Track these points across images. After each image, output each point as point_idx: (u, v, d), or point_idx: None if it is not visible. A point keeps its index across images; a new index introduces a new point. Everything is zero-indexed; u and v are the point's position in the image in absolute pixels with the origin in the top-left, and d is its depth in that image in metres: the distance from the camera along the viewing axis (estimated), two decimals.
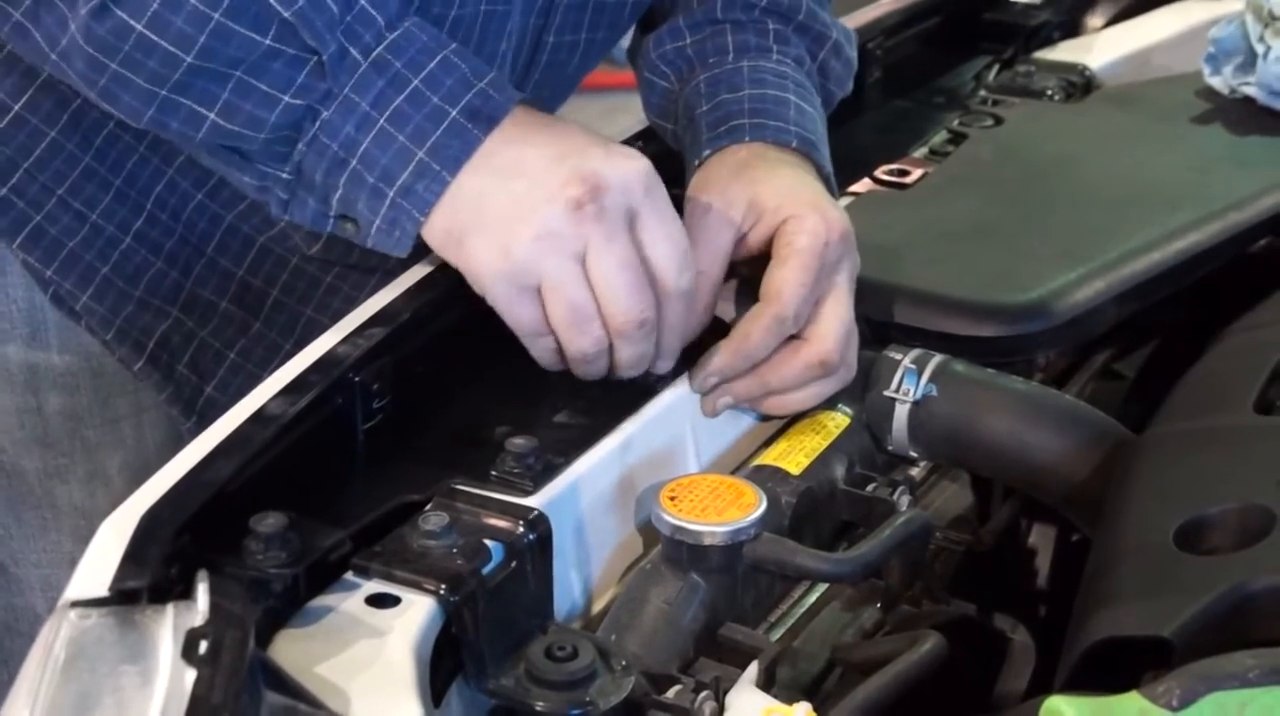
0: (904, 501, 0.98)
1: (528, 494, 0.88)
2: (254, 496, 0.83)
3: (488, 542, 0.84)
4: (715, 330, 1.03)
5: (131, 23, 0.92)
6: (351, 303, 1.06)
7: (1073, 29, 1.64)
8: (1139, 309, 1.15)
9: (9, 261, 1.14)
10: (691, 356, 1.01)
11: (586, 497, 0.92)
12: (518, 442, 0.90)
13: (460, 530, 0.84)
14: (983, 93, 1.44)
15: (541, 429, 0.94)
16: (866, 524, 0.98)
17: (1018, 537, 1.11)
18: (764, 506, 0.89)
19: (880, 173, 1.27)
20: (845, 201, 1.22)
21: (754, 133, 1.11)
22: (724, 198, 1.05)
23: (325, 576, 0.82)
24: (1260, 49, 1.34)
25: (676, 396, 1.00)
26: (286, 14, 0.92)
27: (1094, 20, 1.65)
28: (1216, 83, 1.39)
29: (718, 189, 1.06)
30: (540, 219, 0.93)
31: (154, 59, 0.93)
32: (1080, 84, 1.47)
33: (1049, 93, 1.44)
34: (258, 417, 0.87)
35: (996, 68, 1.52)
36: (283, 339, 1.22)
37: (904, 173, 1.27)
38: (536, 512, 0.86)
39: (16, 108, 1.12)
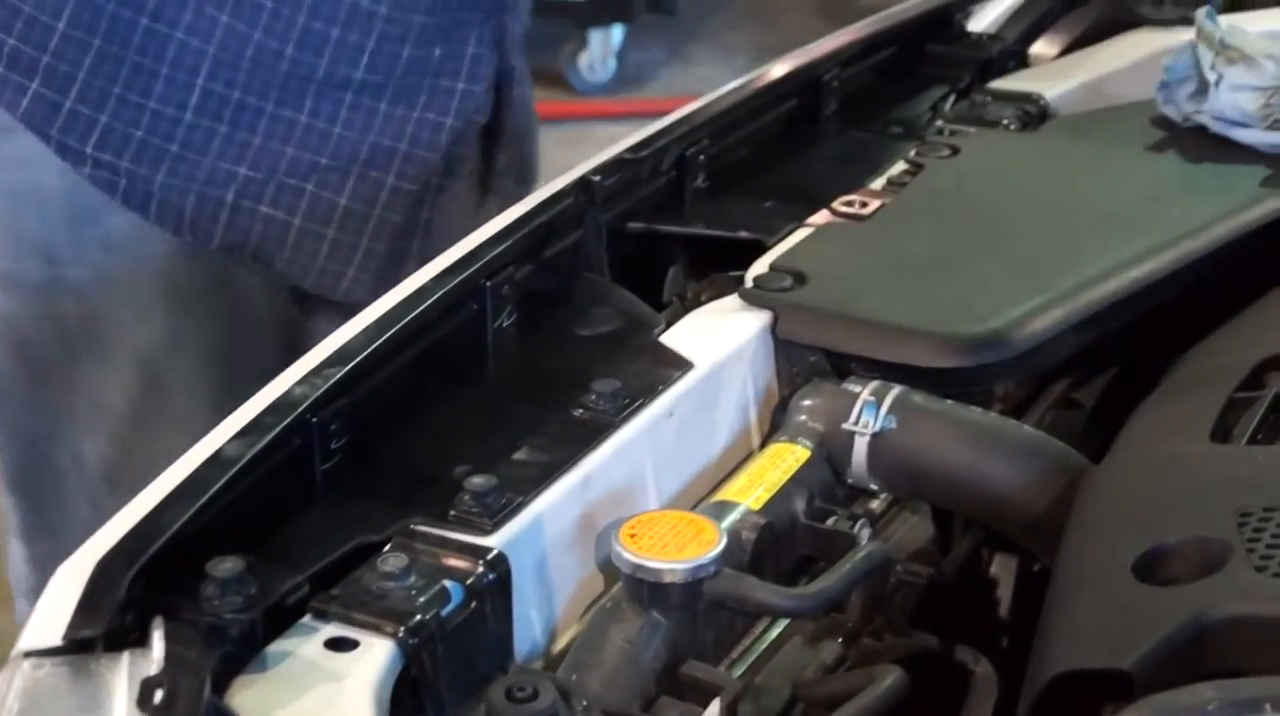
0: (864, 534, 0.98)
1: (487, 533, 0.88)
2: (211, 540, 0.82)
3: (447, 583, 0.83)
4: None
5: None
6: None
7: (1027, 58, 1.64)
8: (1096, 337, 1.15)
9: (22, 191, 1.31)
10: (637, 384, 1.01)
11: (546, 536, 0.92)
12: (476, 481, 0.90)
13: (419, 571, 0.83)
14: (939, 123, 1.45)
15: (500, 467, 0.94)
16: (827, 558, 0.97)
17: (979, 569, 1.11)
18: (724, 542, 0.89)
19: (838, 204, 1.27)
20: (804, 232, 1.22)
21: None
22: None
23: (283, 620, 0.81)
24: (1212, 77, 1.35)
25: (636, 432, 1.00)
26: None
27: (1048, 49, 1.66)
28: (1170, 111, 1.40)
29: None
30: None
31: None
32: (1035, 113, 1.48)
33: (1005, 122, 1.45)
34: (214, 461, 0.87)
35: (952, 98, 1.52)
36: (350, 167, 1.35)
37: (862, 203, 1.27)
38: (495, 552, 0.86)
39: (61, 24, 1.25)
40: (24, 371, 1.39)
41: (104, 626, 0.74)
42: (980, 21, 1.65)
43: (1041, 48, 1.66)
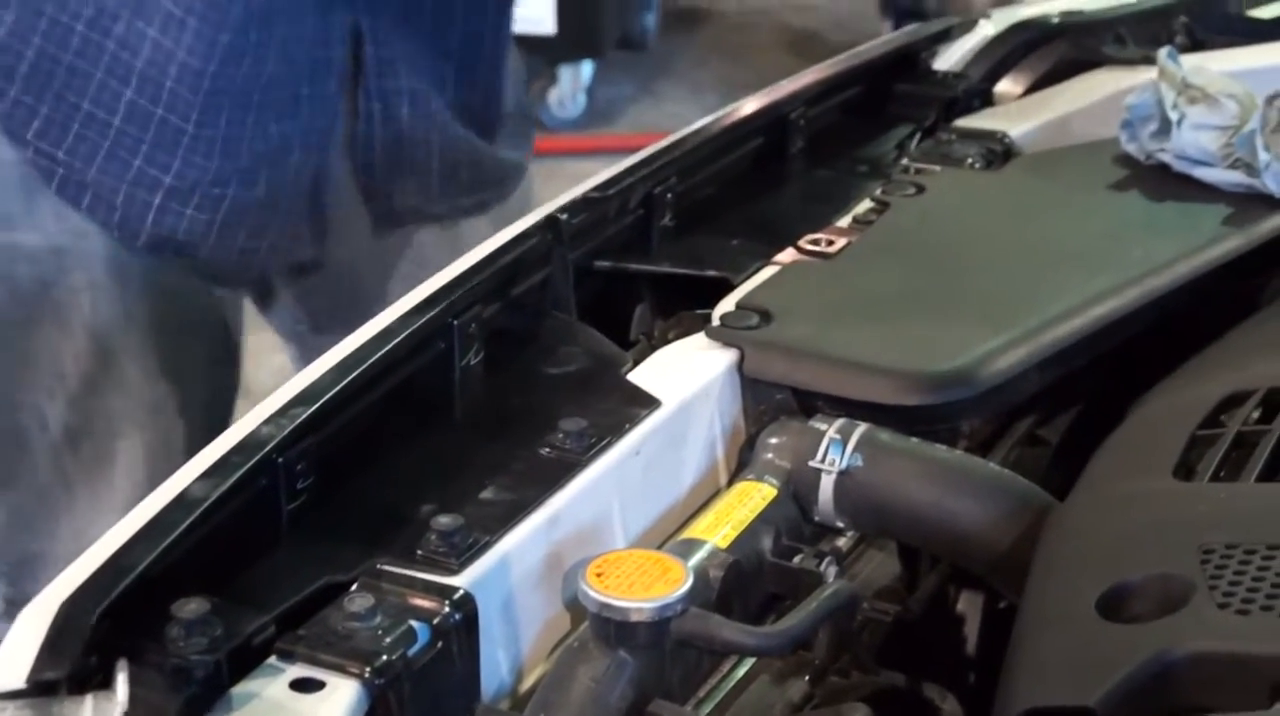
0: (831, 572, 0.99)
1: (453, 573, 0.88)
2: (176, 581, 0.82)
3: (413, 624, 0.83)
4: None
5: None
6: None
7: (992, 97, 1.65)
8: (1061, 375, 1.16)
9: None
10: (604, 422, 1.01)
11: (513, 575, 0.92)
12: (443, 521, 0.90)
13: (385, 611, 0.83)
14: (905, 161, 1.46)
15: (467, 506, 0.94)
16: (794, 596, 0.97)
17: (946, 605, 1.12)
18: (690, 581, 0.89)
19: (804, 242, 1.28)
20: (770, 271, 1.22)
21: None
22: None
23: (248, 661, 0.81)
24: (1174, 116, 1.36)
25: (603, 470, 1.00)
26: None
27: (1013, 88, 1.67)
28: (1133, 149, 1.41)
29: None
30: None
31: None
32: (1000, 151, 1.49)
33: (970, 160, 1.45)
34: (179, 501, 0.87)
35: (918, 136, 1.53)
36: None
37: (828, 242, 1.28)
38: (462, 592, 0.86)
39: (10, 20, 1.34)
40: None
41: (68, 668, 0.74)
42: (946, 60, 1.66)
43: (1006, 86, 1.67)
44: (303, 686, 0.80)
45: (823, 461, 1.03)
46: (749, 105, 1.42)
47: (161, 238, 1.42)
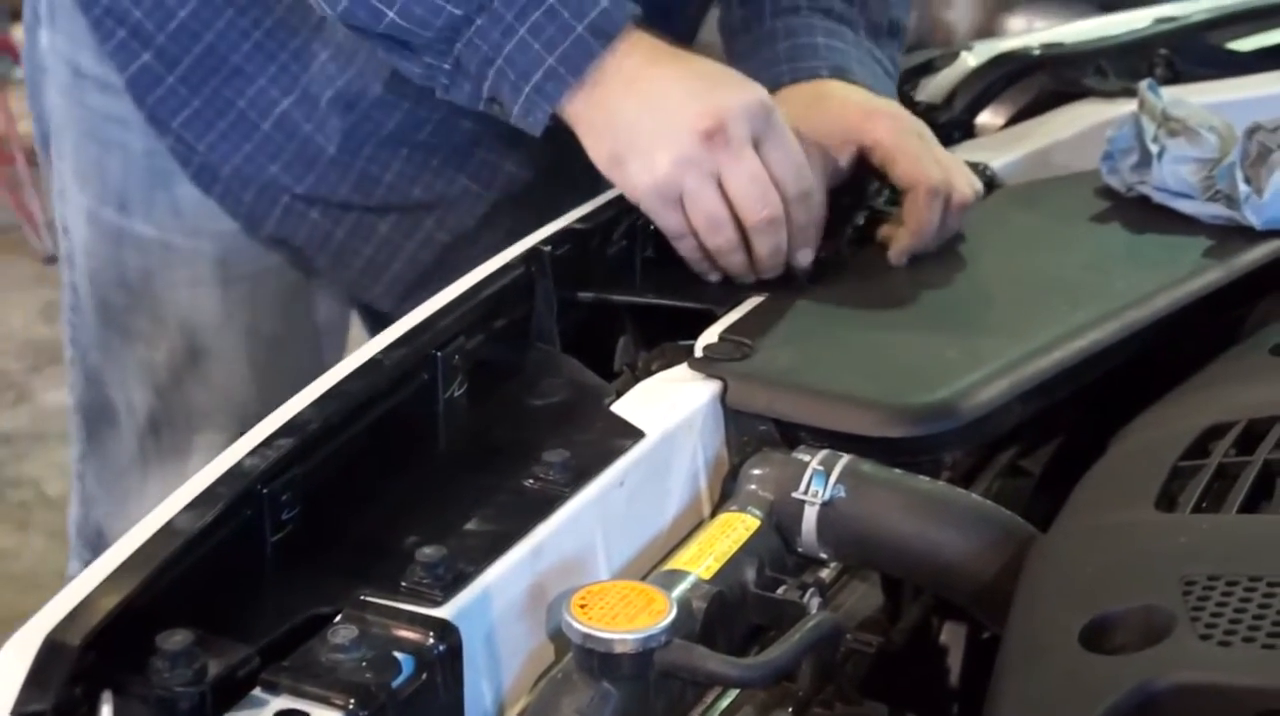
0: (814, 603, 0.99)
1: (438, 604, 0.88)
2: (160, 612, 0.82)
3: (397, 655, 0.83)
4: None
5: None
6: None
7: (974, 128, 1.66)
8: (1043, 406, 1.16)
9: (113, 143, 1.46)
10: (588, 453, 1.01)
11: (497, 606, 0.92)
12: (427, 552, 0.90)
13: (369, 643, 0.83)
14: (888, 192, 1.46)
15: (451, 537, 0.94)
16: (777, 627, 0.98)
17: (929, 637, 1.12)
18: (674, 612, 0.89)
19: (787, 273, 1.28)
20: (753, 302, 1.23)
21: (791, 74, 1.37)
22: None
23: (233, 693, 0.81)
24: (1154, 149, 1.37)
25: (587, 502, 1.00)
26: None
27: (994, 119, 1.68)
28: (1114, 181, 1.42)
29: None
30: (679, 146, 1.19)
31: None
32: (982, 183, 1.49)
33: None
34: (164, 532, 0.87)
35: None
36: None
37: (806, 271, 1.29)
38: (446, 623, 0.86)
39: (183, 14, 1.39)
40: (96, 304, 1.54)
41: (52, 700, 0.74)
42: (928, 92, 1.66)
43: (988, 118, 1.68)
44: None
45: (806, 492, 1.03)
46: None
47: (283, 237, 1.48)
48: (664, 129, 1.20)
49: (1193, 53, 1.79)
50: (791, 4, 1.44)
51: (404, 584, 0.89)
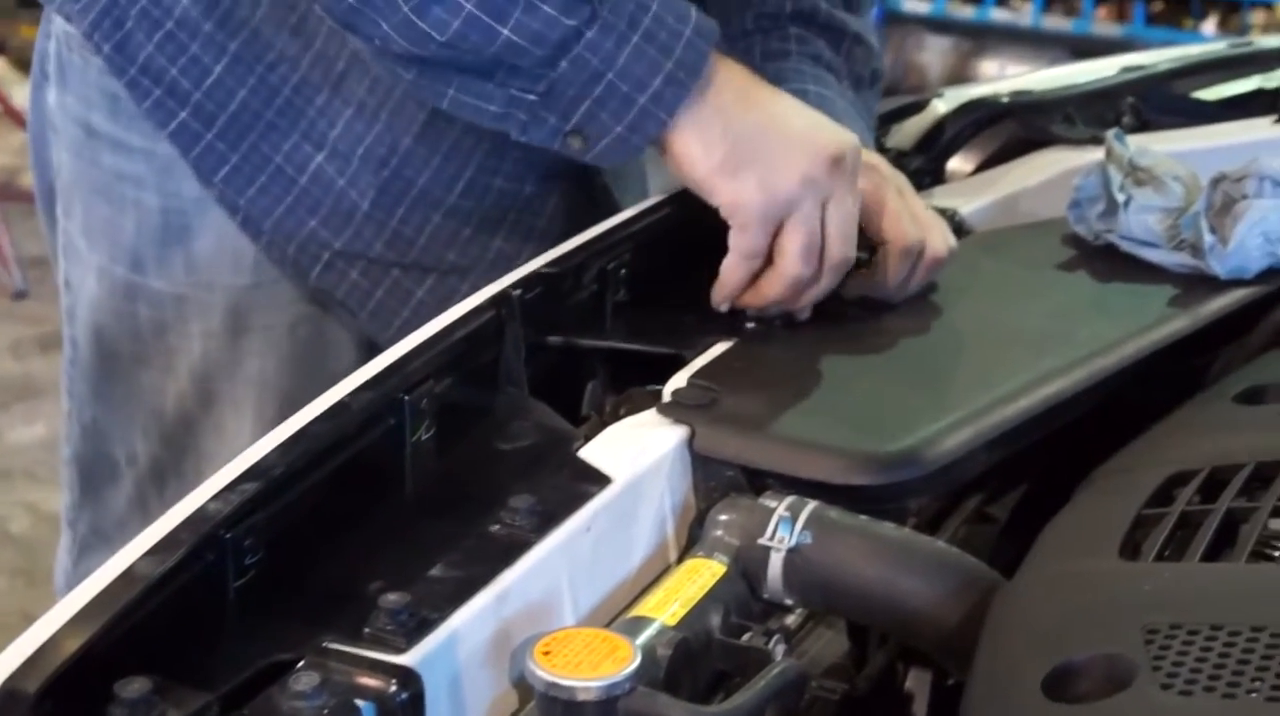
0: (779, 650, 0.99)
1: (400, 651, 0.88)
2: (120, 659, 0.82)
3: (359, 703, 0.83)
4: None
5: None
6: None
7: (943, 175, 1.67)
8: (1009, 453, 1.17)
9: (126, 202, 1.46)
10: (555, 498, 1.01)
11: (461, 653, 0.92)
12: (391, 599, 0.90)
13: (331, 690, 0.83)
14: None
15: (416, 584, 0.94)
16: (742, 674, 0.97)
17: (894, 683, 1.12)
18: (638, 660, 0.89)
19: (756, 319, 1.29)
20: (722, 347, 1.23)
21: None
22: None
23: None
24: (1121, 198, 1.38)
25: (553, 548, 1.00)
26: None
27: (963, 166, 1.69)
28: (1081, 229, 1.43)
29: None
30: (810, 166, 1.20)
31: None
32: (951, 229, 1.50)
33: None
34: (125, 578, 0.86)
35: None
36: (433, 269, 1.47)
37: (780, 319, 1.29)
38: (409, 671, 0.85)
39: (218, 70, 1.39)
40: (99, 359, 1.53)
41: None
42: (898, 138, 1.67)
43: (957, 164, 1.69)
44: None
45: (772, 539, 1.03)
46: None
47: (325, 289, 1.47)
48: (795, 147, 1.21)
49: (1159, 102, 1.80)
50: (781, 49, 1.45)
51: (367, 630, 0.89)
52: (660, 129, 1.21)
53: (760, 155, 1.21)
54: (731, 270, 1.25)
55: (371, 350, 1.51)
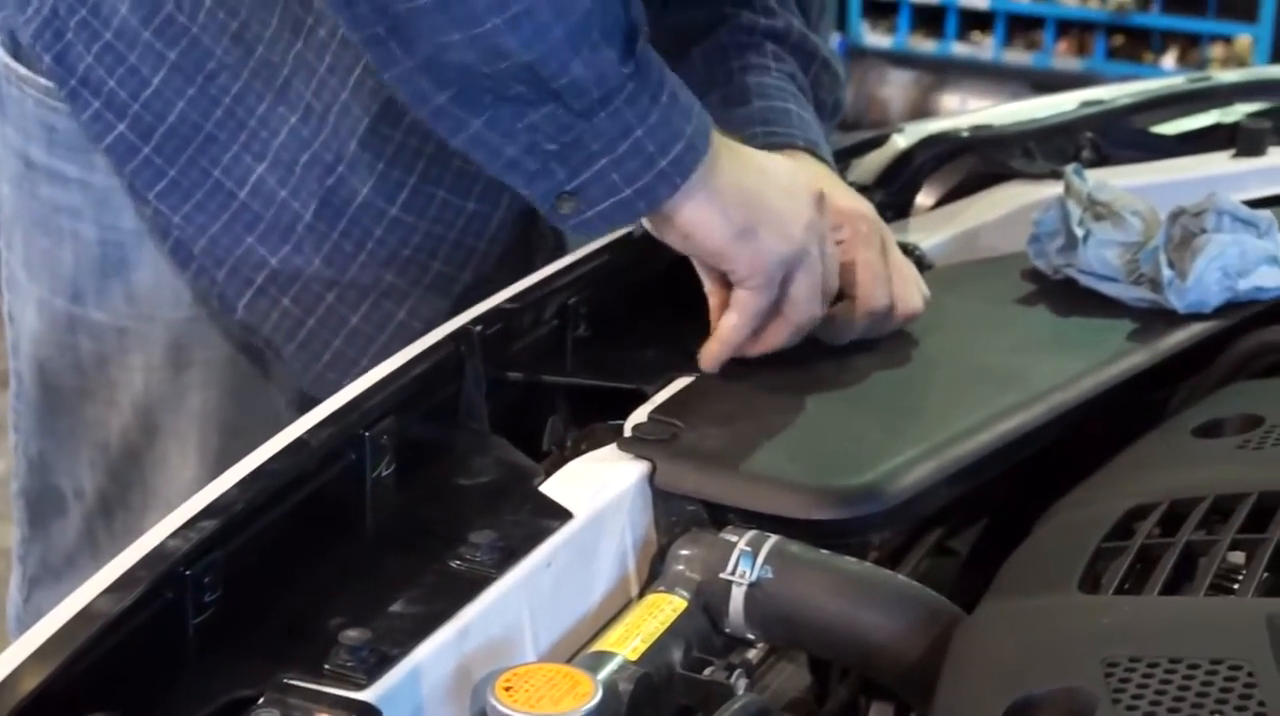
0: (741, 685, 0.99)
1: (361, 687, 0.88)
2: (80, 697, 0.81)
3: None
4: None
5: None
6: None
7: (904, 209, 1.68)
8: (970, 487, 1.17)
9: (64, 233, 1.45)
10: (516, 534, 1.01)
11: (422, 689, 0.91)
12: (351, 635, 0.90)
13: None
14: None
15: (377, 620, 0.93)
16: (704, 709, 0.97)
17: None
18: (600, 695, 0.89)
19: None
20: (683, 382, 1.23)
21: (766, 138, 1.35)
22: None
23: None
24: (1080, 232, 1.39)
25: (514, 583, 1.00)
26: None
27: (924, 200, 1.70)
28: (1040, 264, 1.43)
29: None
30: (807, 212, 1.22)
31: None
32: (912, 263, 1.50)
33: None
34: (84, 614, 0.86)
35: None
36: (368, 293, 1.45)
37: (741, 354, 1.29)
38: (369, 707, 0.85)
39: (156, 81, 1.38)
40: (42, 393, 1.52)
41: None
42: (859, 172, 1.68)
43: (917, 198, 1.69)
44: None
45: (733, 573, 1.03)
46: None
47: (252, 323, 1.45)
48: (790, 198, 1.22)
49: (1118, 136, 1.81)
50: (761, 63, 1.44)
51: (327, 666, 0.89)
52: (671, 193, 1.18)
53: (771, 212, 1.21)
54: (736, 331, 1.23)
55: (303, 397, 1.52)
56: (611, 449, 1.14)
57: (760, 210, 1.20)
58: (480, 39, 1.11)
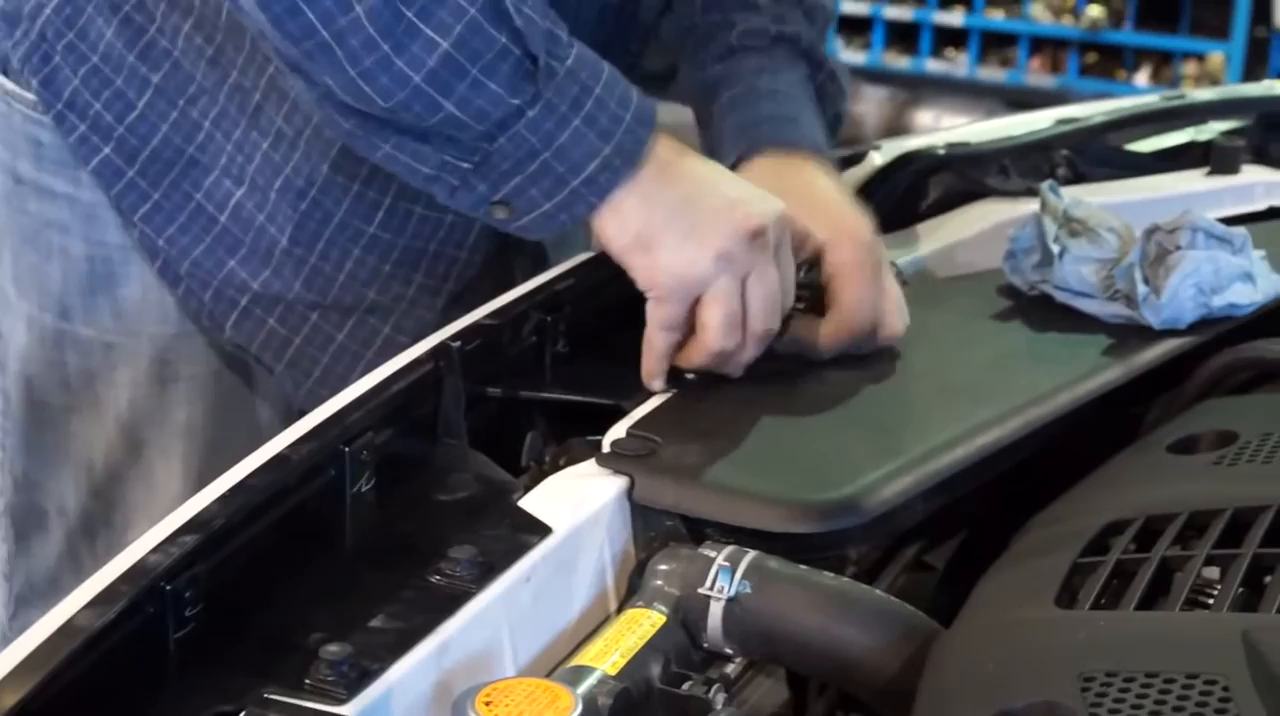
0: (719, 699, 0.99)
1: (341, 702, 0.88)
2: (60, 712, 0.81)
3: None
4: None
5: (404, 9, 1.12)
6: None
7: (880, 227, 1.68)
8: (947, 502, 1.18)
9: (52, 249, 1.45)
10: (495, 549, 1.01)
11: (402, 704, 0.92)
12: (331, 650, 0.90)
13: None
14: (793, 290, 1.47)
15: (356, 634, 0.94)
16: None
17: None
18: (579, 709, 0.89)
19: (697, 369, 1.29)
20: (661, 397, 1.24)
21: (773, 138, 1.38)
22: None
23: None
24: (1056, 248, 1.39)
25: (493, 598, 1.00)
26: (517, 22, 1.14)
27: (900, 216, 1.70)
28: (1016, 280, 1.44)
29: None
30: (725, 241, 1.19)
31: (417, 44, 1.13)
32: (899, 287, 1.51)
33: None
34: (65, 630, 0.86)
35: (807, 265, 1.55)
36: (352, 312, 1.46)
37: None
38: None
39: (141, 105, 1.39)
40: (29, 410, 1.52)
41: None
42: None
43: (894, 215, 1.70)
44: None
45: (712, 588, 1.03)
46: None
47: (242, 339, 1.46)
48: (711, 222, 1.20)
49: (1093, 153, 1.83)
50: (773, 65, 1.45)
51: (308, 681, 0.89)
52: (589, 211, 1.20)
53: (674, 232, 1.20)
54: (651, 341, 1.24)
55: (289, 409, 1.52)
56: (590, 464, 1.14)
57: (663, 228, 1.20)
58: (348, 86, 1.16)
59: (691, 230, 1.20)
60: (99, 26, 1.39)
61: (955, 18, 6.74)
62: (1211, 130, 1.94)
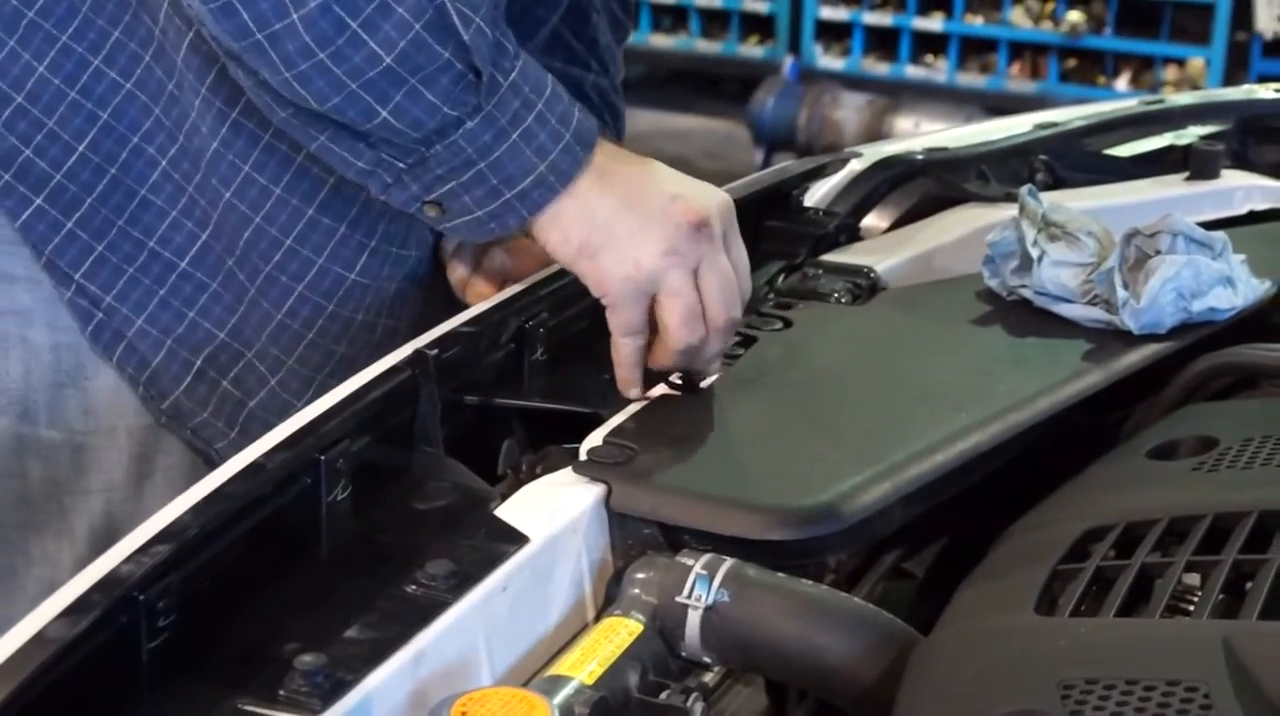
0: (697, 708, 0.98)
1: (316, 713, 0.87)
2: None
3: None
4: None
5: (348, 20, 1.12)
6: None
7: (859, 231, 1.68)
8: (926, 508, 1.17)
9: (11, 341, 1.31)
10: (471, 558, 1.00)
11: (377, 714, 0.91)
12: (306, 660, 0.89)
13: None
14: (772, 296, 1.47)
15: (331, 645, 0.93)
16: None
17: None
18: None
19: (673, 376, 1.29)
20: (638, 405, 1.23)
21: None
22: None
23: None
24: (1035, 253, 1.39)
25: (469, 607, 0.99)
26: (464, 36, 1.14)
27: (879, 222, 1.70)
28: (995, 285, 1.44)
29: None
30: (667, 239, 1.19)
31: (359, 55, 1.12)
32: (866, 286, 1.51)
33: (836, 295, 1.48)
34: (37, 640, 0.85)
35: (786, 271, 1.55)
36: (315, 374, 1.38)
37: (696, 375, 1.29)
38: None
39: (82, 147, 1.27)
40: None
41: None
42: (814, 195, 1.68)
43: (872, 221, 1.70)
44: None
45: (689, 596, 1.03)
46: None
47: (187, 409, 1.34)
48: (652, 220, 1.20)
49: (1072, 158, 1.83)
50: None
51: (282, 692, 0.88)
52: (520, 223, 1.20)
53: (617, 236, 1.20)
54: (618, 349, 1.23)
55: None
56: (567, 472, 1.13)
57: (606, 234, 1.20)
58: (282, 85, 1.15)
59: (634, 232, 1.20)
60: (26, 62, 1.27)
61: (935, 23, 6.74)
62: (1191, 135, 1.94)
